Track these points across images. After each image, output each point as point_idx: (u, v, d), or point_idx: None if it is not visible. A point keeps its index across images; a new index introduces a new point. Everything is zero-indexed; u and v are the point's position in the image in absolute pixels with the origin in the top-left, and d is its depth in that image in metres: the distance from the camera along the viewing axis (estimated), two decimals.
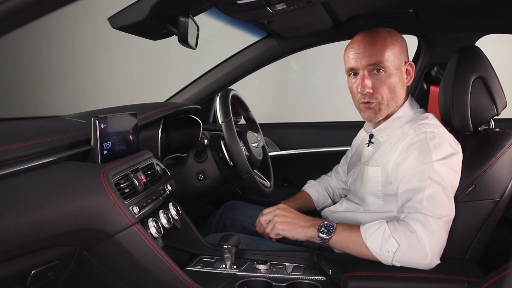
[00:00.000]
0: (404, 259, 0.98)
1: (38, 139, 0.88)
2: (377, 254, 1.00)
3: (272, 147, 2.01)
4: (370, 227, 1.03)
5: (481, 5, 1.30)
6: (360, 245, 1.03)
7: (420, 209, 1.00)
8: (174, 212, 1.15)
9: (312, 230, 1.09)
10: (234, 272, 1.09)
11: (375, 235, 1.01)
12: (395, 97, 1.15)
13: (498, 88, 1.15)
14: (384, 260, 1.00)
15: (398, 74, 1.14)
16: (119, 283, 0.95)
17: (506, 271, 0.79)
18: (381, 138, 1.20)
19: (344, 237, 1.06)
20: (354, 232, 1.05)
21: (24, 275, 0.77)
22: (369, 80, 1.13)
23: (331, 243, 1.07)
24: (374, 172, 1.16)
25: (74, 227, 0.82)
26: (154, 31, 1.13)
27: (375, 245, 1.00)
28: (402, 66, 1.16)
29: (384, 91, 1.13)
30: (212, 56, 1.94)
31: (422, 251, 0.97)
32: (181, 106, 1.50)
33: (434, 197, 1.00)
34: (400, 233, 0.99)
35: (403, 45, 1.18)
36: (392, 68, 1.13)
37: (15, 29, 0.59)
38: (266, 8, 1.11)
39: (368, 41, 1.14)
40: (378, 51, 1.12)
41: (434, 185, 1.01)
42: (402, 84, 1.16)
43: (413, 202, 1.01)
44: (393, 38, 1.15)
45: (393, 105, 1.16)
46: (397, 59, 1.14)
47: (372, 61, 1.12)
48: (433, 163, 1.02)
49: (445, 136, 1.08)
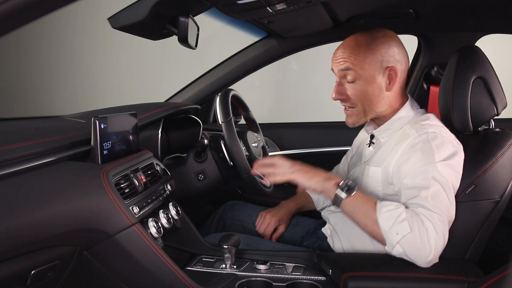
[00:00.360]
0: (408, 247, 0.97)
1: (38, 139, 0.88)
2: (385, 232, 0.99)
3: (272, 147, 2.01)
4: (387, 205, 1.01)
5: (481, 5, 1.30)
6: (370, 218, 1.01)
7: (426, 205, 0.99)
8: (174, 212, 1.15)
9: (331, 183, 1.07)
10: (234, 272, 1.09)
11: (389, 214, 0.99)
12: (372, 105, 1.15)
13: (498, 88, 1.15)
14: (389, 240, 0.98)
15: (373, 84, 1.13)
16: (119, 283, 0.95)
17: (506, 271, 0.79)
18: (382, 139, 1.20)
19: (358, 203, 1.04)
20: (369, 203, 1.04)
21: (24, 275, 0.77)
22: (341, 86, 1.16)
23: (343, 204, 1.05)
24: (375, 172, 1.15)
25: (74, 227, 0.83)
26: (154, 31, 1.13)
27: (386, 224, 0.98)
28: (380, 73, 1.13)
29: (358, 98, 1.14)
30: (212, 56, 1.94)
31: (428, 247, 0.96)
32: (181, 106, 1.50)
33: (438, 196, 1.00)
34: (414, 221, 0.97)
35: (386, 50, 1.13)
36: (365, 76, 1.12)
37: (15, 29, 0.59)
38: (266, 8, 1.11)
39: (345, 46, 1.15)
40: (351, 58, 1.13)
41: (437, 185, 1.01)
42: (379, 92, 1.14)
43: (419, 199, 1.00)
44: (371, 46, 1.12)
45: (371, 113, 1.16)
46: (373, 68, 1.12)
47: (343, 66, 1.14)
48: (436, 164, 1.02)
49: (447, 136, 1.08)
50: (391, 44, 1.14)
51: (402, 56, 1.16)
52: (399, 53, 1.15)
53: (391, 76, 1.14)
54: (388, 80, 1.14)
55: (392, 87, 1.15)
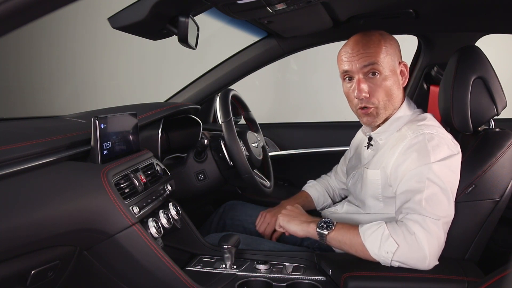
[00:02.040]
0: (403, 259, 0.98)
1: (38, 139, 0.88)
2: (376, 255, 1.00)
3: (272, 147, 2.01)
4: (369, 228, 1.03)
5: (481, 5, 1.30)
6: (358, 244, 1.03)
7: (418, 210, 1.00)
8: (174, 212, 1.15)
9: (312, 226, 1.11)
10: (234, 272, 1.09)
11: (374, 235, 1.01)
12: (392, 100, 1.14)
13: (498, 88, 1.15)
14: (382, 261, 1.00)
15: (393, 77, 1.13)
16: (119, 283, 0.95)
17: (506, 271, 0.79)
18: (380, 141, 1.20)
19: (342, 235, 1.06)
20: (353, 231, 1.05)
21: (24, 275, 0.77)
22: (365, 84, 1.11)
23: (328, 239, 1.07)
24: (374, 175, 1.15)
25: (74, 227, 0.82)
26: (154, 31, 1.13)
27: (374, 246, 1.00)
28: (396, 67, 1.15)
29: (381, 94, 1.12)
30: (212, 56, 1.94)
31: (421, 253, 0.97)
32: (181, 106, 1.50)
33: (433, 198, 1.00)
34: (399, 233, 0.99)
35: (396, 46, 1.17)
36: (387, 71, 1.12)
37: (15, 29, 0.59)
38: (266, 8, 1.11)
39: (361, 43, 1.12)
40: (372, 52, 1.10)
41: (433, 187, 1.01)
42: (398, 86, 1.15)
43: (412, 203, 1.01)
44: (386, 40, 1.14)
45: (390, 108, 1.15)
46: (392, 61, 1.13)
47: (367, 62, 1.10)
48: (431, 165, 1.02)
49: (444, 137, 1.08)
50: (396, 42, 1.17)
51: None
52: (400, 51, 1.18)
53: (403, 72, 1.16)
54: (401, 75, 1.16)
55: (405, 83, 1.17)
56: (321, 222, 1.09)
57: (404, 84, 1.18)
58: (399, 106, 1.17)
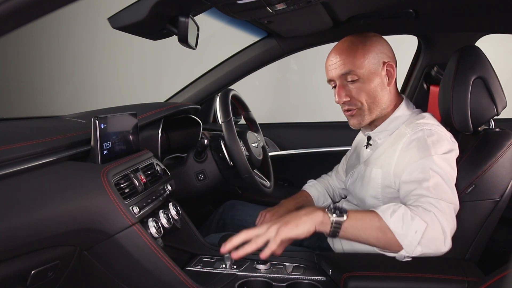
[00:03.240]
0: (428, 241, 0.91)
1: (38, 139, 0.88)
2: (403, 236, 0.90)
3: (272, 147, 2.01)
4: (387, 209, 0.94)
5: (481, 5, 1.30)
6: (380, 228, 0.92)
7: (428, 194, 0.97)
8: (174, 212, 1.15)
9: (318, 214, 0.92)
10: (234, 272, 1.09)
11: (396, 215, 0.92)
12: (376, 101, 1.15)
13: (498, 88, 1.15)
14: (408, 243, 0.91)
15: (375, 79, 1.14)
16: (119, 283, 0.95)
17: (506, 271, 0.79)
18: (378, 140, 1.20)
19: (358, 220, 0.93)
20: (370, 215, 0.94)
21: (24, 275, 0.77)
22: (344, 89, 1.15)
23: (344, 227, 0.91)
24: (374, 174, 1.15)
25: (74, 227, 0.82)
26: (154, 31, 1.13)
27: (398, 226, 0.90)
28: (379, 69, 1.15)
29: (363, 97, 1.14)
30: (212, 56, 1.94)
31: (442, 234, 0.92)
32: (181, 106, 1.50)
33: (439, 186, 0.99)
34: (421, 213, 0.92)
35: (381, 47, 1.16)
36: (366, 74, 1.13)
37: (15, 29, 0.59)
38: (266, 8, 1.11)
39: (340, 51, 1.15)
40: (349, 60, 1.13)
41: (437, 176, 1.00)
42: (382, 87, 1.15)
43: (420, 190, 0.98)
44: (366, 44, 1.14)
45: (376, 109, 1.16)
46: (373, 64, 1.14)
47: (343, 70, 1.13)
48: (432, 157, 1.02)
49: (443, 134, 1.08)
50: (383, 42, 1.17)
51: (393, 55, 1.19)
52: (390, 51, 1.18)
53: (389, 72, 1.16)
54: (387, 75, 1.16)
55: (391, 82, 1.17)
56: (331, 209, 0.93)
57: (391, 84, 1.17)
58: (390, 106, 1.18)
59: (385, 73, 1.15)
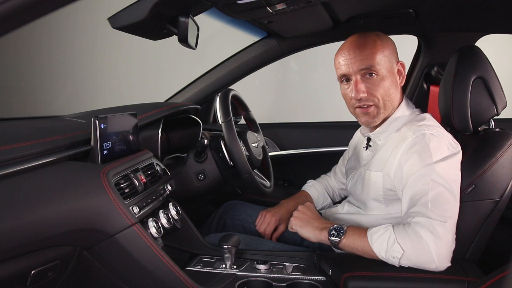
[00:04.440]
0: (410, 263, 0.99)
1: (38, 139, 0.88)
2: (383, 259, 1.02)
3: (272, 147, 2.01)
4: (376, 232, 1.04)
5: (481, 5, 1.30)
6: (368, 249, 1.04)
7: (425, 213, 0.99)
8: (174, 212, 1.15)
9: (324, 233, 1.11)
10: (234, 272, 1.09)
11: (380, 240, 1.02)
12: (391, 99, 1.15)
13: (498, 88, 1.15)
14: (391, 263, 1.01)
15: (391, 76, 1.14)
16: (119, 283, 0.95)
17: (506, 271, 0.79)
18: (379, 141, 1.20)
19: (353, 241, 1.07)
20: (363, 236, 1.06)
21: (24, 275, 0.77)
22: (362, 84, 1.12)
23: (341, 246, 1.09)
24: (375, 177, 1.15)
25: (74, 227, 0.82)
26: (154, 31, 1.13)
27: (381, 250, 1.01)
28: (394, 67, 1.15)
29: (379, 93, 1.13)
30: (212, 56, 1.94)
31: (427, 256, 0.97)
32: (181, 106, 1.50)
33: (439, 199, 1.00)
34: (405, 238, 0.99)
35: (393, 46, 1.17)
36: (384, 71, 1.12)
37: (15, 29, 0.59)
38: (266, 8, 1.11)
39: (358, 45, 1.13)
40: (368, 55, 1.11)
41: (438, 187, 1.01)
42: (396, 85, 1.16)
43: (418, 206, 1.01)
44: (382, 41, 1.14)
45: (389, 107, 1.16)
46: (389, 62, 1.14)
47: (364, 65, 1.11)
48: (434, 165, 1.02)
49: (444, 137, 1.08)
50: (392, 42, 1.18)
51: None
52: (397, 51, 1.18)
53: (400, 71, 1.17)
54: (398, 74, 1.16)
55: (402, 82, 1.17)
56: (331, 230, 1.10)
57: (402, 83, 1.18)
58: (397, 106, 1.18)
59: (397, 71, 1.16)
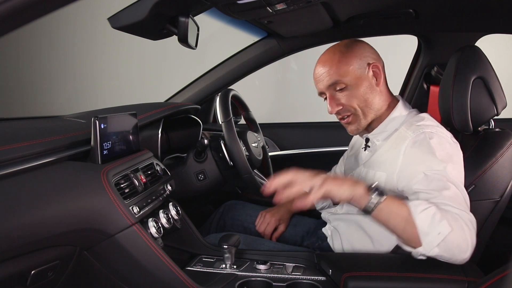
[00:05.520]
0: (448, 246, 0.91)
1: (38, 139, 0.88)
2: (424, 234, 0.91)
3: (272, 147, 2.01)
4: (419, 205, 0.93)
5: (481, 5, 1.30)
6: (407, 221, 0.92)
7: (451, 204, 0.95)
8: (174, 212, 1.15)
9: (361, 188, 0.95)
10: (234, 272, 1.09)
11: (425, 213, 0.91)
12: (369, 104, 1.15)
13: (498, 88, 1.15)
14: (428, 241, 0.91)
15: (363, 83, 1.14)
16: (119, 283, 0.95)
17: (506, 271, 0.79)
18: (377, 142, 1.20)
19: (393, 207, 0.94)
20: (403, 205, 0.94)
21: (24, 275, 0.77)
22: (334, 99, 1.16)
23: (378, 209, 0.94)
24: (379, 178, 1.14)
25: (74, 227, 0.82)
26: (154, 31, 1.13)
27: (425, 223, 0.91)
28: (365, 72, 1.14)
29: (354, 102, 1.14)
30: (212, 56, 1.94)
31: (466, 244, 0.91)
32: (181, 106, 1.50)
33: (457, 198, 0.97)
34: (449, 218, 0.91)
35: (362, 51, 1.16)
36: (353, 81, 1.13)
37: (15, 29, 0.59)
38: (266, 8, 1.11)
39: (323, 63, 1.16)
40: (332, 70, 1.13)
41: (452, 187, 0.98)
42: (371, 89, 1.15)
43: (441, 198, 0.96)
44: (347, 51, 1.14)
45: (371, 112, 1.16)
46: (358, 69, 1.14)
47: (331, 81, 1.14)
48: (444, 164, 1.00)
49: (444, 135, 1.08)
50: (364, 46, 1.18)
51: (378, 56, 1.19)
52: (373, 52, 1.18)
53: (376, 73, 1.16)
54: (374, 77, 1.16)
55: (380, 83, 1.17)
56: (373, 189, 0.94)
57: (379, 84, 1.16)
58: (384, 106, 1.17)
59: (371, 74, 1.15)
